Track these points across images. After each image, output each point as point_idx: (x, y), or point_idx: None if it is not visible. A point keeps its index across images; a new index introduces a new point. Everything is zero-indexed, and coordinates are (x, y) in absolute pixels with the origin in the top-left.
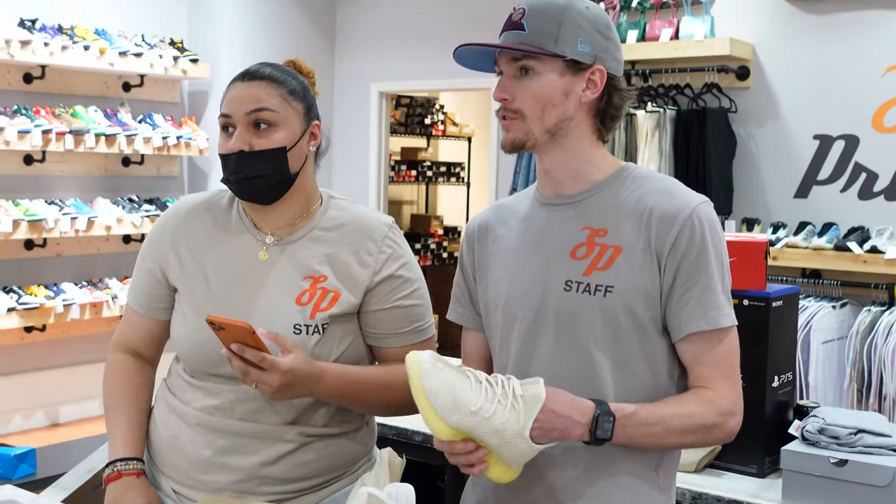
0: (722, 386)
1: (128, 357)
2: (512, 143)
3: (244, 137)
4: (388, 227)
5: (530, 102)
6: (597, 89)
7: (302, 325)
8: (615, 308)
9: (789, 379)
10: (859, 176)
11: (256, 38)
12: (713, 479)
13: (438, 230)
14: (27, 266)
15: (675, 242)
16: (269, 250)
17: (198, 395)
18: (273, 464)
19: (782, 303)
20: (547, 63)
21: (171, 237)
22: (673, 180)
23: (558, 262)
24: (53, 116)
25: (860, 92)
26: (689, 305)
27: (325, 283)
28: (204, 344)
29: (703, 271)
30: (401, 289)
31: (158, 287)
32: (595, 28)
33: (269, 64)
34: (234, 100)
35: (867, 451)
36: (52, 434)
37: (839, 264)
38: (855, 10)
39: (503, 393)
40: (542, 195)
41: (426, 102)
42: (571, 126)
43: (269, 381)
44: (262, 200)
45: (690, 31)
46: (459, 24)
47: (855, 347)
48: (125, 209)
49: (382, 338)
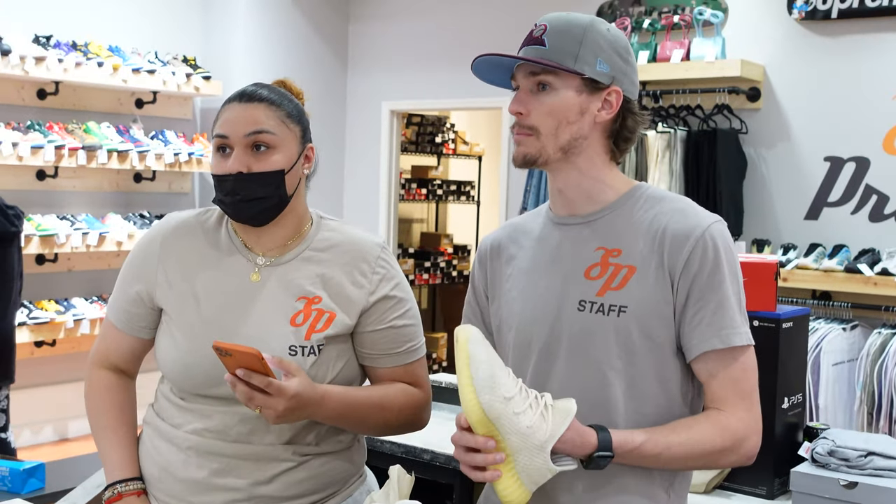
0: (737, 407)
1: (109, 374)
2: (524, 157)
3: (242, 159)
4: (381, 247)
5: (545, 118)
6: (612, 110)
7: (297, 346)
8: (629, 328)
9: (799, 401)
10: (870, 198)
11: (269, 55)
12: (723, 500)
13: (448, 248)
14: (38, 281)
15: (687, 261)
16: (261, 271)
17: (188, 418)
18: (267, 483)
19: (792, 324)
20: (565, 79)
21: (159, 256)
22: (686, 200)
23: (572, 283)
24: (66, 132)
25: (871, 114)
26: (702, 324)
27: (320, 305)
28: (195, 366)
29: (716, 290)
30: (394, 309)
31: (142, 307)
32: (614, 50)
33: (265, 85)
34: (231, 121)
35: (877, 473)
36: (60, 449)
37: (850, 286)
38: (866, 33)
39: (535, 400)
40: (555, 215)
41: (437, 121)
42: (585, 145)
43: (275, 406)
44: (256, 222)
45: (701, 53)
46: (471, 44)
47: (865, 370)
48: (136, 225)
49: (376, 358)
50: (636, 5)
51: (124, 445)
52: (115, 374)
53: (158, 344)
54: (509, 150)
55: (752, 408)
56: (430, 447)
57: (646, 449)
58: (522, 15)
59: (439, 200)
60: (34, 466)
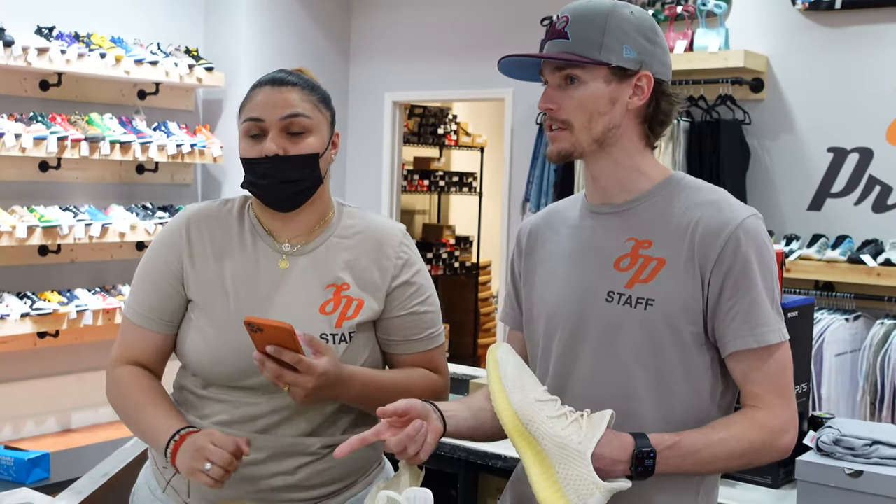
0: (774, 405)
1: (136, 367)
2: (559, 153)
3: (278, 142)
4: (403, 233)
5: (577, 112)
6: (644, 95)
7: (328, 335)
8: (655, 321)
9: (804, 390)
10: (873, 189)
11: (271, 46)
12: (728, 489)
13: (450, 240)
14: (41, 272)
15: (719, 257)
16: (289, 259)
17: (215, 409)
18: (292, 474)
19: (798, 314)
20: (592, 71)
21: (186, 245)
22: (722, 192)
23: (602, 273)
24: (69, 123)
25: (874, 105)
26: (735, 322)
27: (349, 292)
28: (226, 357)
29: (750, 287)
30: (416, 295)
31: (169, 299)
32: (640, 33)
33: (291, 72)
34: (265, 104)
35: (882, 462)
36: (64, 439)
37: (853, 277)
38: (869, 24)
39: (570, 411)
40: (589, 203)
41: (439, 112)
42: (619, 134)
43: (304, 384)
44: (288, 206)
45: (705, 43)
46: (474, 35)
47: (868, 360)
48: (139, 216)
49: (398, 344)
50: None
51: (172, 414)
52: (142, 368)
53: (185, 337)
54: (512, 141)
55: (788, 403)
56: None
57: (684, 446)
58: (525, 6)
59: (441, 192)
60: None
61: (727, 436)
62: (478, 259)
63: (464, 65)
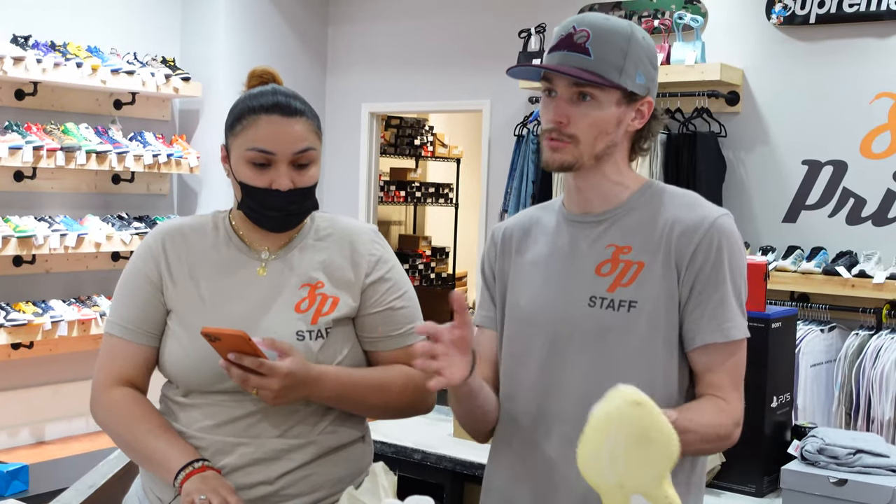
0: (732, 397)
1: (126, 389)
2: (560, 164)
3: (290, 175)
4: (374, 232)
5: (587, 129)
6: (644, 119)
7: (304, 332)
8: (639, 323)
9: (787, 400)
10: (847, 201)
11: (248, 56)
12: (713, 498)
13: (426, 251)
14: (15, 282)
15: (693, 254)
16: (267, 266)
17: (196, 416)
18: (274, 481)
19: (781, 324)
20: (608, 93)
21: (163, 257)
22: (694, 195)
23: (583, 279)
24: (45, 133)
25: (849, 118)
26: (704, 317)
27: (323, 290)
28: (202, 361)
29: (720, 283)
30: (391, 291)
31: (152, 310)
32: (650, 60)
33: (292, 94)
34: (276, 137)
35: (866, 470)
36: (38, 452)
37: (827, 288)
38: (844, 38)
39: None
40: (569, 212)
41: (416, 123)
42: (614, 151)
43: (270, 386)
44: (283, 230)
45: (681, 56)
46: (451, 46)
47: (843, 371)
48: (115, 226)
49: (377, 341)
50: (616, 9)
51: (180, 441)
52: (132, 388)
53: (165, 348)
54: (489, 152)
55: (741, 397)
56: (420, 447)
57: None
58: (503, 18)
59: (417, 203)
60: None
61: (705, 421)
62: (454, 270)
63: (441, 76)
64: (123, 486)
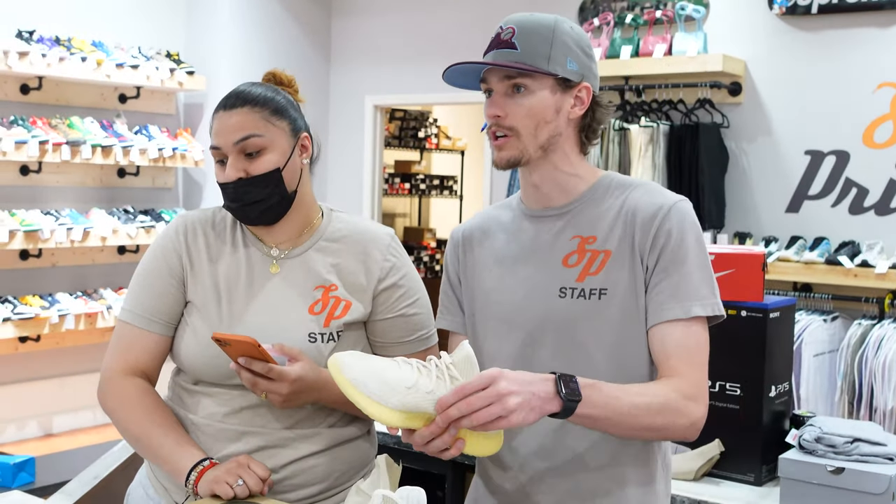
0: (686, 373)
1: (137, 380)
2: (507, 160)
3: (237, 165)
4: (391, 237)
5: (524, 119)
6: (584, 106)
7: (317, 334)
8: (611, 310)
9: (786, 389)
10: (850, 191)
11: (252, 50)
12: (711, 487)
13: (431, 243)
14: (22, 276)
15: (654, 237)
16: (279, 263)
17: (205, 404)
18: (279, 470)
19: (779, 314)
20: (540, 81)
21: (183, 248)
22: (652, 183)
23: (551, 271)
24: (50, 127)
25: (851, 108)
26: (664, 294)
27: (337, 293)
28: (216, 358)
29: (680, 263)
30: (403, 298)
31: (169, 299)
32: (580, 48)
33: (251, 84)
34: (220, 131)
35: (863, 459)
36: (45, 444)
37: (830, 278)
38: (846, 28)
39: (438, 370)
40: (528, 208)
41: (420, 116)
42: (560, 141)
43: (279, 391)
44: (263, 223)
45: (683, 48)
46: (454, 39)
47: (846, 360)
48: (120, 220)
49: (388, 347)
50: (618, 0)
51: (188, 439)
52: (143, 379)
53: (180, 339)
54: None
55: (699, 375)
56: None
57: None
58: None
59: (422, 195)
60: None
61: (643, 390)
62: None
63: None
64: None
